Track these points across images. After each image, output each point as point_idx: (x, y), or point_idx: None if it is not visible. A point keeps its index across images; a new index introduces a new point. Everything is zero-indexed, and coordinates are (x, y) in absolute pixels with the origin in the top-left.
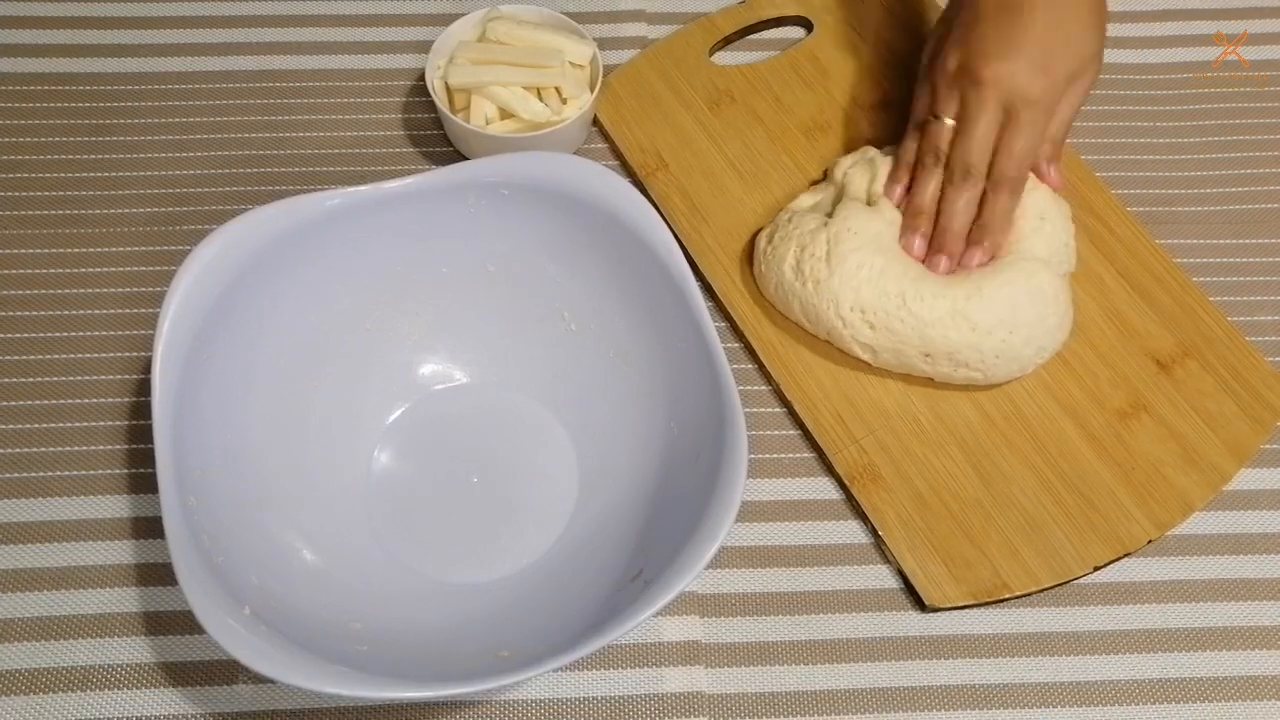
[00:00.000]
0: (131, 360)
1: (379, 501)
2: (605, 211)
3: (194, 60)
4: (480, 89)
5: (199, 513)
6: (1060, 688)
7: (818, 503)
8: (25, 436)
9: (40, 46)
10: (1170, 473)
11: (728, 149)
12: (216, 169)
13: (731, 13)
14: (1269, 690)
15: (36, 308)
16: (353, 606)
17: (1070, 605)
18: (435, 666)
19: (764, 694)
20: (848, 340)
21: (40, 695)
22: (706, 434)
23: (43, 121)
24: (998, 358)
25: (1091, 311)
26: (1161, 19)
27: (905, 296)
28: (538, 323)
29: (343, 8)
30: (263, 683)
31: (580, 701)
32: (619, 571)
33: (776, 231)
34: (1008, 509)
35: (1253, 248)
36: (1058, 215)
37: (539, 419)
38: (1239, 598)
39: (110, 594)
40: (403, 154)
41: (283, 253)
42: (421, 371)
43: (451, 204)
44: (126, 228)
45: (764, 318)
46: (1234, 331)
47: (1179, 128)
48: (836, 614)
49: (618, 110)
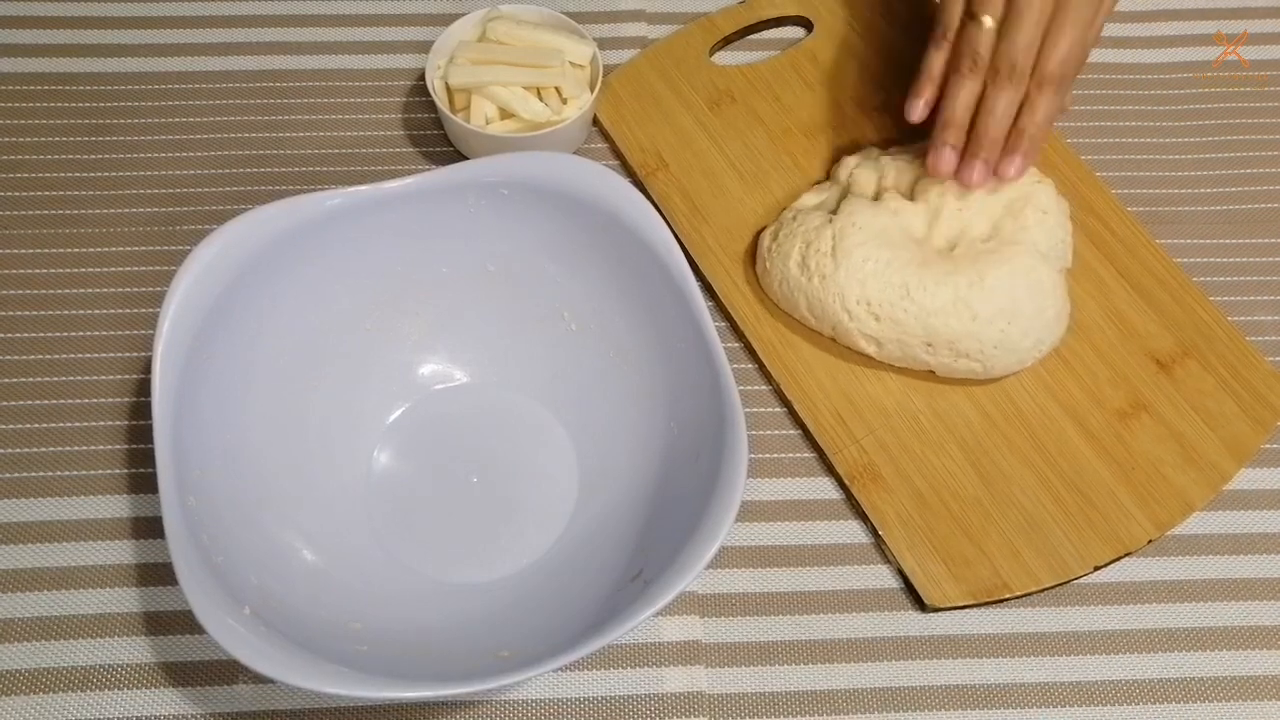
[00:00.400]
0: (131, 360)
1: (379, 501)
2: (605, 211)
3: (194, 60)
4: (480, 89)
5: (199, 513)
6: (1060, 688)
7: (818, 503)
8: (25, 436)
9: (40, 46)
10: (1170, 472)
11: (728, 149)
12: (216, 169)
13: (731, 13)
14: (1269, 690)
15: (36, 308)
16: (353, 606)
17: (1070, 605)
18: (435, 666)
19: (764, 694)
20: (853, 333)
21: (40, 695)
22: (706, 434)
23: (43, 121)
24: (996, 348)
25: (1091, 311)
26: (1161, 19)
27: (909, 286)
28: (538, 323)
29: (343, 8)
30: (263, 683)
31: (580, 701)
32: (619, 571)
33: (781, 229)
34: (1008, 508)
35: (1252, 247)
36: (1057, 210)
37: (539, 419)
38: (1239, 598)
39: (110, 594)
40: (403, 154)
41: (283, 253)
42: (421, 371)
43: (451, 204)
44: (126, 228)
45: (764, 317)
46: (1234, 331)
47: (1179, 128)
48: (836, 614)
49: (618, 110)
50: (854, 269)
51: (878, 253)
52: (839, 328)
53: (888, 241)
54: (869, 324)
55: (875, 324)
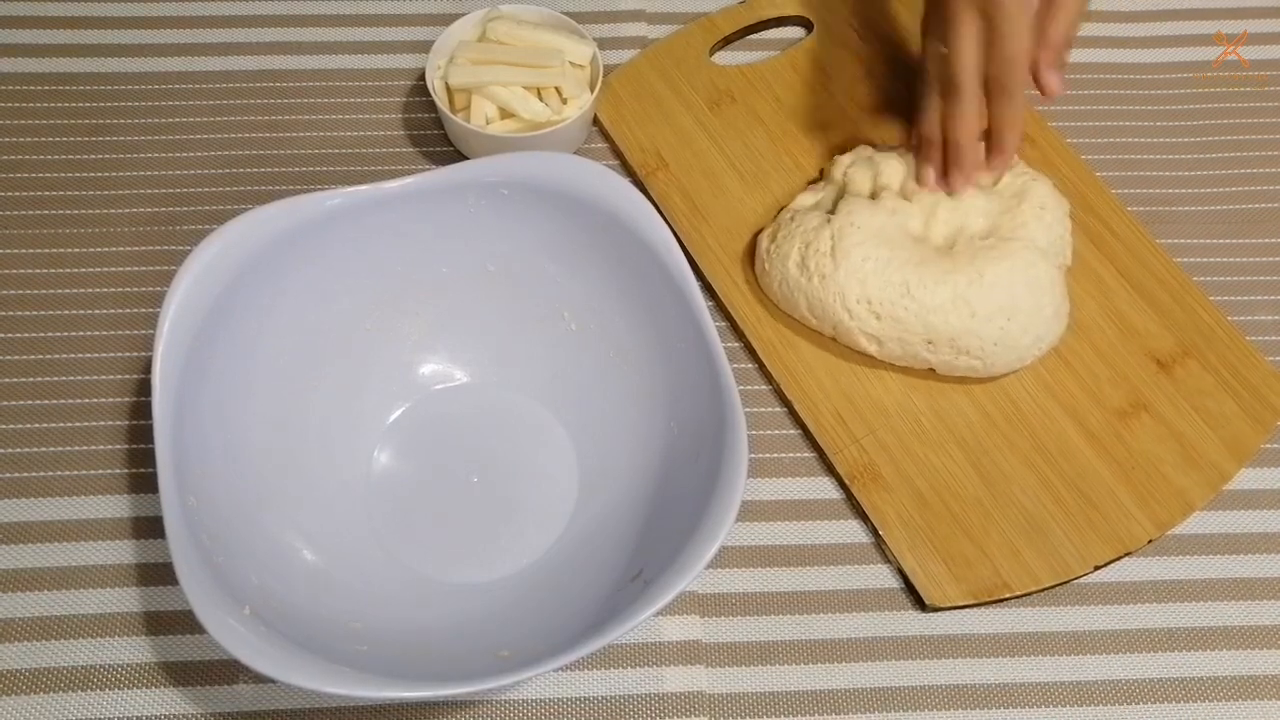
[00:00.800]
0: (131, 360)
1: (379, 501)
2: (605, 211)
3: (194, 60)
4: (480, 89)
5: (199, 512)
6: (1060, 688)
7: (818, 503)
8: (25, 436)
9: (40, 46)
10: (1170, 472)
11: (728, 149)
12: (216, 169)
13: (731, 13)
14: (1269, 690)
15: (36, 308)
16: (353, 606)
17: (1070, 605)
18: (435, 666)
19: (764, 694)
20: (854, 333)
21: (40, 695)
22: (706, 434)
23: (43, 121)
24: (996, 345)
25: (1092, 311)
26: (1161, 19)
27: (909, 284)
28: (538, 323)
29: (343, 8)
30: (263, 683)
31: (580, 701)
32: (619, 571)
33: (779, 230)
34: (1008, 508)
35: (1252, 247)
36: (1057, 207)
37: (539, 419)
38: (1239, 597)
39: (110, 594)
40: (403, 154)
41: (283, 253)
42: (421, 371)
43: (451, 204)
44: (126, 228)
45: (764, 317)
46: (1234, 331)
47: (1179, 128)
48: (837, 614)
49: (618, 110)
50: (854, 268)
51: (877, 251)
52: (840, 327)
53: (886, 240)
54: (870, 323)
55: (876, 323)
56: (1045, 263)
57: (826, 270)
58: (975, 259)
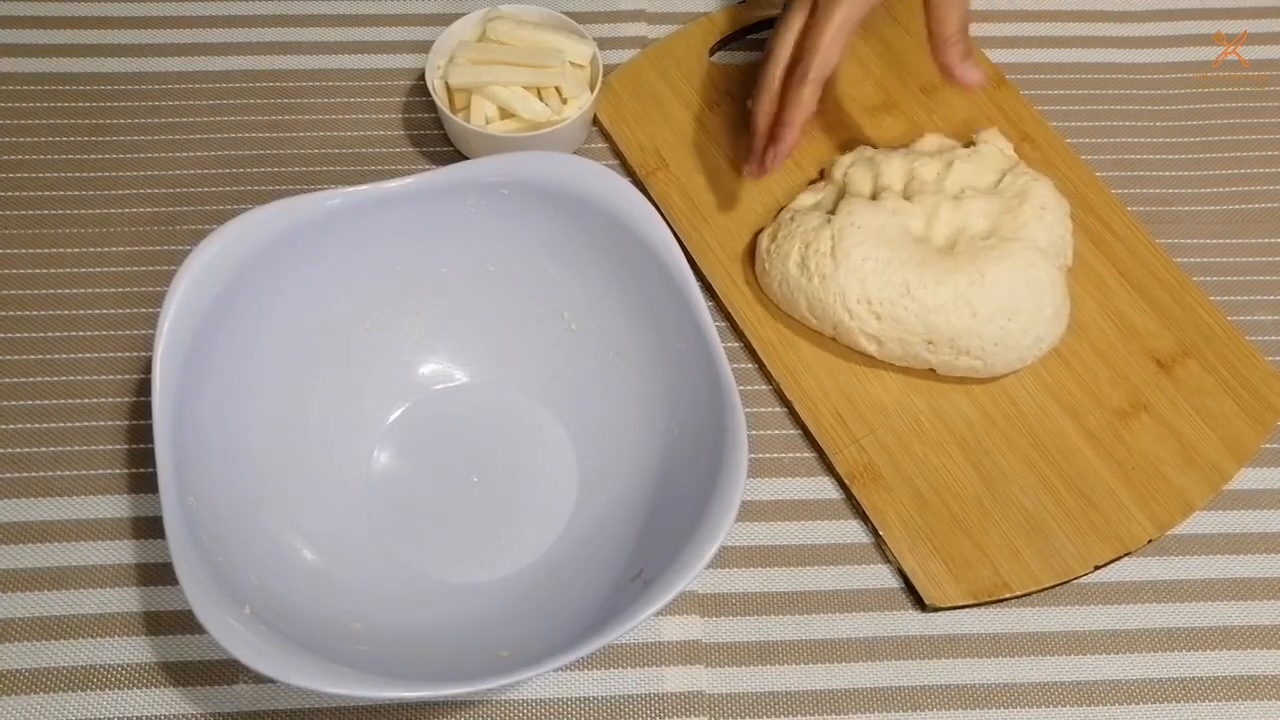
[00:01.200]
0: (131, 360)
1: (379, 501)
2: (605, 211)
3: (194, 60)
4: (480, 89)
5: (199, 512)
6: (1060, 688)
7: (818, 502)
8: (25, 436)
9: (40, 46)
10: (1170, 472)
11: (728, 149)
12: (216, 169)
13: (731, 13)
14: (1269, 690)
15: (36, 308)
16: (353, 606)
17: (1070, 605)
18: (435, 666)
19: (764, 694)
20: (854, 333)
21: (40, 695)
22: (706, 434)
23: (43, 121)
24: (996, 345)
25: (1092, 311)
26: (1161, 19)
27: (909, 284)
28: (538, 323)
29: (343, 8)
30: (263, 683)
31: (580, 701)
32: (619, 571)
33: (779, 230)
34: (1008, 508)
35: (1252, 247)
36: (1056, 207)
37: (539, 419)
38: (1238, 597)
39: (110, 594)
40: (403, 154)
41: (283, 253)
42: (421, 371)
43: (451, 204)
44: (126, 227)
45: (764, 317)
46: (1234, 331)
47: (1179, 127)
48: (837, 614)
49: (618, 110)
50: (854, 268)
51: (877, 251)
52: (840, 327)
53: (887, 240)
54: (870, 323)
55: (876, 323)
56: (1046, 263)
57: (827, 270)
58: (976, 259)
